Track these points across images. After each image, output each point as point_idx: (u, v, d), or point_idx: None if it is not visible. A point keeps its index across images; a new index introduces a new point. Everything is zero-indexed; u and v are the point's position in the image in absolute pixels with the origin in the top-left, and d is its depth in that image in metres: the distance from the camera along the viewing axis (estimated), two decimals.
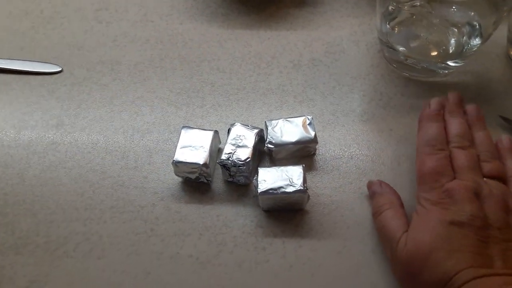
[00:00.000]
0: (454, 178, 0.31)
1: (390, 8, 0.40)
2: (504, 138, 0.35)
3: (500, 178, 0.32)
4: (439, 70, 0.41)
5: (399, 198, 0.34)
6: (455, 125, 0.34)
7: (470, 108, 0.36)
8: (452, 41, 0.40)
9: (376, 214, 0.34)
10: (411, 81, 0.42)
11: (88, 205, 0.36)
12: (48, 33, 0.47)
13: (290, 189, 0.33)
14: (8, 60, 0.45)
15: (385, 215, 0.33)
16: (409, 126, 0.39)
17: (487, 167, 0.32)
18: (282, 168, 0.34)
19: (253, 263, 0.33)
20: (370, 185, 0.36)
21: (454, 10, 0.39)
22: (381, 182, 0.35)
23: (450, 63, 0.41)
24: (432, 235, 0.29)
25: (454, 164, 0.32)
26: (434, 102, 0.36)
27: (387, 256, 0.32)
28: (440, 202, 0.30)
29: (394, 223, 0.32)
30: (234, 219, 0.35)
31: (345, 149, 0.38)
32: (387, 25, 0.40)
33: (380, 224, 0.33)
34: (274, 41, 0.45)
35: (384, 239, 0.32)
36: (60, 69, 0.44)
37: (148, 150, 0.39)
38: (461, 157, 0.32)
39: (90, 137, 0.40)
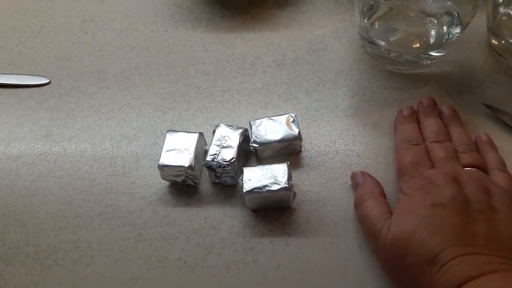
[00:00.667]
0: (433, 168, 0.32)
1: (368, 3, 0.40)
2: (482, 133, 0.36)
3: (480, 168, 0.32)
4: (423, 61, 0.41)
5: (380, 187, 0.34)
6: (429, 123, 0.36)
7: (444, 108, 0.37)
8: (432, 32, 0.40)
9: (357, 205, 0.34)
10: (394, 74, 0.42)
11: (77, 213, 0.36)
12: (36, 46, 0.48)
13: (275, 187, 0.33)
14: None
15: (367, 204, 0.33)
16: (393, 119, 0.39)
17: (465, 157, 0.33)
18: (267, 166, 0.35)
19: (241, 264, 0.33)
20: (353, 176, 0.36)
21: (430, 1, 0.39)
22: (363, 173, 0.35)
23: (433, 53, 0.41)
24: (415, 217, 0.29)
25: (431, 156, 0.33)
26: (406, 107, 0.38)
27: (371, 246, 0.32)
28: (422, 188, 0.31)
29: (376, 211, 0.32)
30: (221, 221, 0.35)
31: (331, 145, 0.38)
32: (366, 20, 0.41)
33: (362, 214, 0.33)
34: (257, 42, 0.45)
35: (367, 228, 0.32)
36: (48, 80, 0.45)
37: (135, 155, 0.39)
38: (438, 150, 0.33)
39: (78, 145, 0.40)
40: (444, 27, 0.40)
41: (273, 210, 0.35)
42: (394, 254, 0.29)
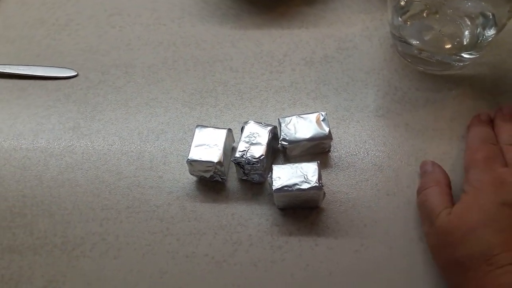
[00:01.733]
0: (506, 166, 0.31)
1: (401, 1, 0.39)
2: None
3: None
4: (454, 63, 0.41)
5: (448, 179, 0.34)
6: (507, 128, 0.35)
7: None
8: (466, 32, 0.40)
9: (421, 189, 0.33)
10: (426, 75, 0.41)
11: (104, 206, 0.36)
12: (63, 39, 0.48)
13: (305, 186, 0.33)
14: (25, 66, 0.46)
15: (431, 190, 0.32)
16: (425, 121, 0.38)
17: None
18: (297, 165, 0.34)
19: (269, 262, 0.33)
20: (423, 164, 0.36)
21: (467, 1, 0.38)
22: (433, 163, 0.35)
23: (465, 55, 0.40)
24: (481, 212, 0.29)
25: (506, 157, 0.32)
26: (484, 113, 0.37)
27: (423, 230, 0.32)
28: (492, 183, 0.30)
29: (438, 198, 0.32)
30: (249, 218, 0.35)
31: (361, 145, 0.38)
32: (399, 18, 0.40)
33: (423, 198, 0.33)
34: (285, 39, 0.45)
35: (425, 211, 0.32)
36: (76, 73, 0.45)
37: (163, 150, 0.39)
38: None
39: (105, 138, 0.40)
40: (479, 28, 0.39)
41: (302, 209, 0.35)
42: (447, 242, 0.29)
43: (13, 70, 0.45)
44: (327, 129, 0.36)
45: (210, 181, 0.37)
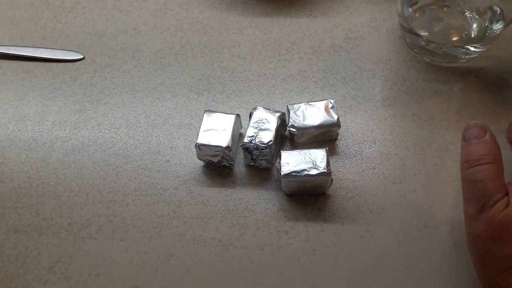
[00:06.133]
0: None
1: None
2: None
3: None
4: (461, 55, 0.41)
5: (500, 154, 0.29)
6: None
7: None
8: (474, 25, 0.40)
9: (473, 163, 0.29)
10: (433, 67, 0.41)
11: (111, 188, 0.36)
12: (69, 22, 0.47)
13: (313, 172, 0.33)
14: (31, 48, 0.45)
15: (488, 168, 0.28)
16: (432, 111, 0.39)
17: None
18: (305, 151, 0.34)
19: (276, 246, 0.33)
20: (470, 127, 0.31)
21: None
22: (486, 128, 0.30)
23: (472, 48, 0.40)
24: None
25: None
26: None
27: (467, 212, 0.29)
28: None
29: (495, 182, 0.28)
30: (256, 203, 0.35)
31: (368, 134, 0.38)
32: (409, 9, 0.40)
33: (476, 177, 0.28)
34: (294, 28, 0.45)
35: (475, 193, 0.28)
36: (82, 56, 0.45)
37: (170, 134, 0.39)
38: None
39: (112, 122, 0.40)
40: (486, 22, 0.40)
41: (308, 196, 0.35)
42: (499, 236, 0.27)
43: (18, 51, 0.45)
44: (335, 117, 0.36)
45: (217, 166, 0.37)
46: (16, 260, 0.34)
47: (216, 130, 0.36)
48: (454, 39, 0.41)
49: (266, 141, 0.35)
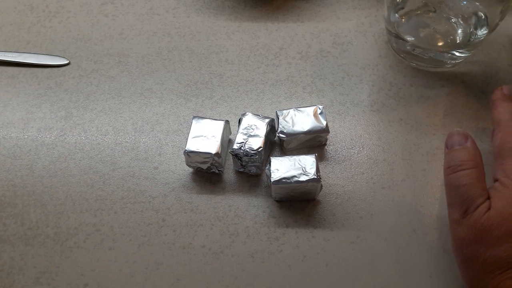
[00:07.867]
0: None
1: None
2: None
3: None
4: (447, 60, 0.42)
5: (482, 158, 0.30)
6: None
7: None
8: (459, 31, 0.40)
9: (455, 168, 0.29)
10: (419, 72, 0.42)
11: (99, 196, 0.36)
12: (54, 26, 0.47)
13: (303, 178, 0.33)
14: (15, 53, 0.44)
15: (469, 173, 0.29)
16: (419, 116, 0.39)
17: None
18: (295, 157, 0.34)
19: (266, 253, 0.33)
20: (453, 134, 0.31)
21: (461, 0, 0.39)
22: (468, 135, 0.31)
23: (457, 53, 0.41)
24: None
25: None
26: (507, 87, 0.34)
27: (451, 217, 0.29)
28: None
29: (477, 186, 0.28)
30: (246, 210, 0.35)
31: (356, 139, 0.38)
32: (396, 14, 0.40)
33: (459, 182, 0.29)
34: (281, 33, 0.45)
35: (460, 199, 0.29)
36: (67, 61, 0.44)
37: (158, 141, 0.39)
38: None
39: (99, 128, 0.39)
40: (471, 28, 0.40)
41: (298, 202, 0.35)
42: (481, 239, 0.27)
43: (1, 56, 0.44)
44: (324, 123, 0.36)
45: (206, 173, 0.37)
46: (1, 271, 0.33)
47: (205, 137, 0.35)
48: (440, 44, 0.42)
49: (255, 148, 0.35)
